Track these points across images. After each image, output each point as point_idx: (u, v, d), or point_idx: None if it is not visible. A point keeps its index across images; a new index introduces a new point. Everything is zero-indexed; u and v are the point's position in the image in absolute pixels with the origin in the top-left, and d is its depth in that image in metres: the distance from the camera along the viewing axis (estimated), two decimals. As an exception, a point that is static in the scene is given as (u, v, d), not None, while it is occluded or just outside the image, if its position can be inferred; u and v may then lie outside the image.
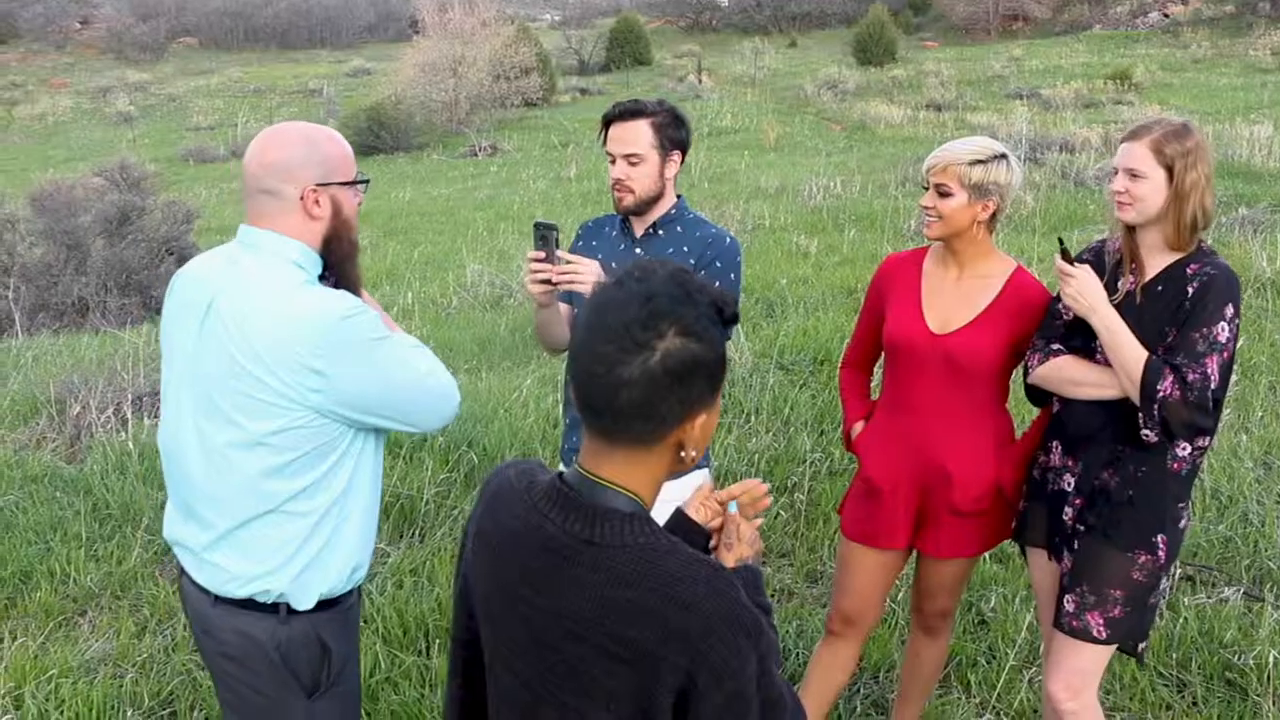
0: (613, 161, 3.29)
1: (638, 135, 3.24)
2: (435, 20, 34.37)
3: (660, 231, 3.36)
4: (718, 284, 3.25)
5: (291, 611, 2.43)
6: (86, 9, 62.93)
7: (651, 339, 1.62)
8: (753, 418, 6.49)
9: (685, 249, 3.32)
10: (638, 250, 3.36)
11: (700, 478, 3.27)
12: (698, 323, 1.64)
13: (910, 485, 3.32)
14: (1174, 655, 4.20)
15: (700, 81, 39.99)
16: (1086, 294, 2.96)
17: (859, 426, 3.50)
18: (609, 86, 40.83)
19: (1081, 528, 3.08)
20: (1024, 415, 4.72)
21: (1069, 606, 3.08)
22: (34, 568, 4.97)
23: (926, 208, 3.22)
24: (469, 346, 8.68)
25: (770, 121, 26.85)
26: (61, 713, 3.89)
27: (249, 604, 2.42)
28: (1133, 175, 2.93)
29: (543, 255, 3.06)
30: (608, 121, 3.30)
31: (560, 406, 6.63)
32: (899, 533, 3.35)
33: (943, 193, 3.16)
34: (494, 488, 1.87)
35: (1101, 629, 3.04)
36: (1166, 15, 45.02)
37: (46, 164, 28.79)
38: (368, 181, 2.57)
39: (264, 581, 2.39)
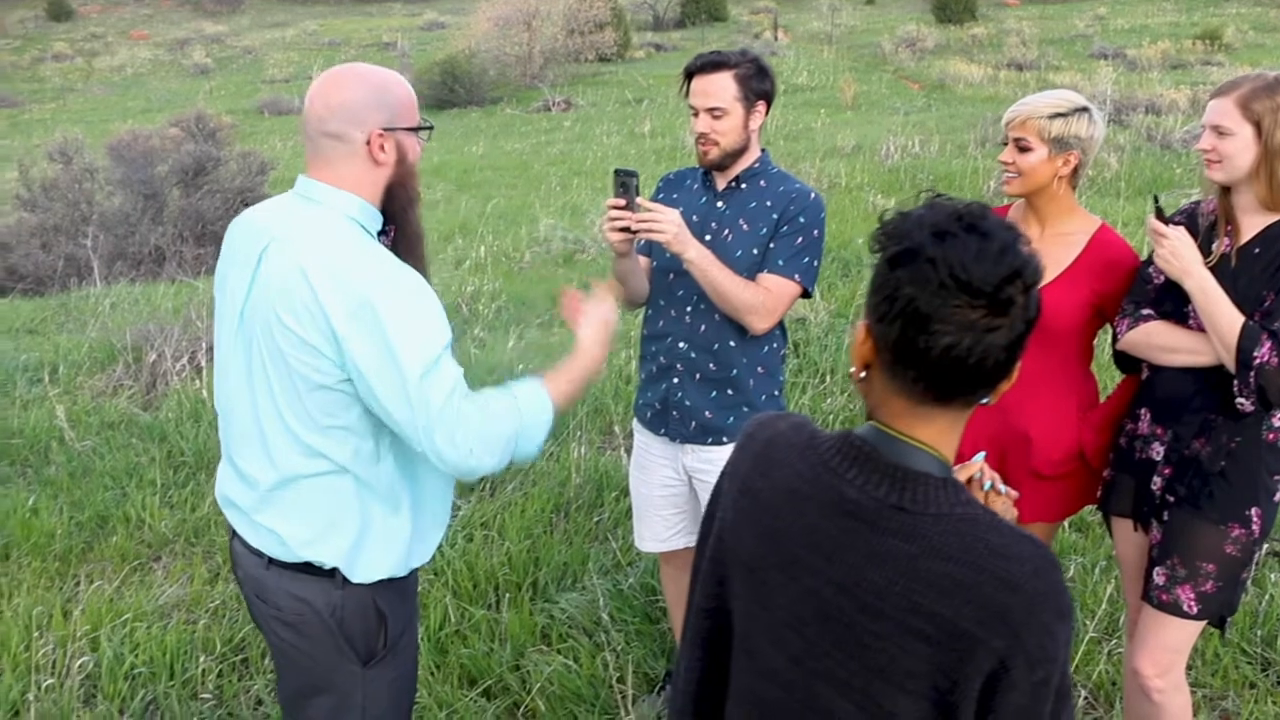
0: (695, 115, 3.19)
1: (721, 88, 3.13)
2: (510, -26, 34.26)
3: (743, 185, 3.28)
4: (799, 240, 3.19)
5: (348, 579, 2.35)
6: (166, -39, 63.61)
7: (1015, 296, 1.46)
8: (828, 378, 6.41)
9: (768, 204, 3.24)
10: (719, 204, 3.29)
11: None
12: (1037, 269, 1.50)
13: (989, 449, 3.23)
14: (1258, 633, 4.08)
15: (776, 38, 39.65)
16: (1180, 256, 2.84)
17: None
18: (684, 42, 40.57)
19: (1171, 498, 2.97)
20: (1105, 381, 4.60)
21: (1158, 580, 2.98)
22: (110, 513, 5.04)
23: (1005, 163, 3.11)
24: (541, 301, 8.66)
25: (847, 79, 26.50)
26: (136, 656, 3.94)
27: (305, 567, 2.33)
28: (1219, 132, 2.81)
29: (622, 203, 2.99)
30: (689, 74, 3.20)
31: (634, 362, 6.59)
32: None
33: (1022, 147, 3.05)
34: (763, 441, 1.71)
35: (1192, 604, 2.94)
36: (1258, -27, 43.78)
37: (125, 115, 29.16)
38: (431, 128, 2.45)
39: (314, 550, 2.30)
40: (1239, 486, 2.88)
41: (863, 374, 1.60)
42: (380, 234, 2.36)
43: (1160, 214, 2.91)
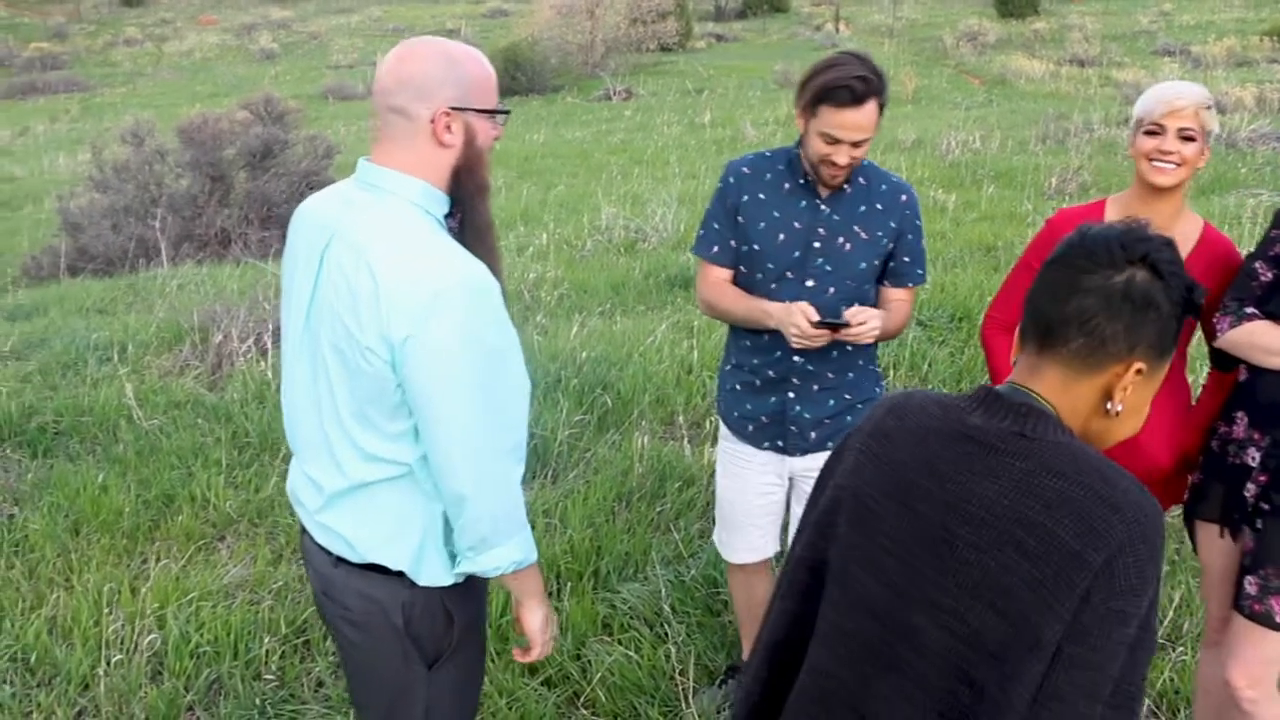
0: (831, 143, 2.92)
1: (870, 118, 2.89)
2: (574, -38, 34.32)
3: (847, 188, 3.10)
4: (921, 241, 3.14)
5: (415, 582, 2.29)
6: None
7: (1124, 260, 1.62)
8: (890, 373, 6.36)
9: (879, 207, 3.10)
10: (823, 209, 3.09)
11: None
12: (1171, 269, 1.63)
13: None
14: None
15: (837, 30, 39.50)
16: None
17: None
18: (745, 33, 40.46)
19: (1266, 506, 2.86)
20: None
21: (1250, 589, 2.87)
22: (177, 492, 5.09)
23: (1166, 153, 2.94)
24: (603, 289, 8.66)
25: (908, 73, 26.34)
26: (201, 634, 3.98)
27: (373, 568, 2.26)
28: None
29: (824, 335, 2.93)
30: (835, 102, 2.87)
31: (695, 352, 6.57)
32: None
33: (1186, 136, 2.92)
34: (901, 395, 1.83)
35: None
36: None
37: (192, 99, 29.52)
38: (508, 113, 2.27)
39: (382, 553, 2.24)
40: None
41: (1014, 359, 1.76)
42: (446, 217, 2.22)
43: None
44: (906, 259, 3.14)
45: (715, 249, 3.22)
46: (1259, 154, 13.60)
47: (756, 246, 3.13)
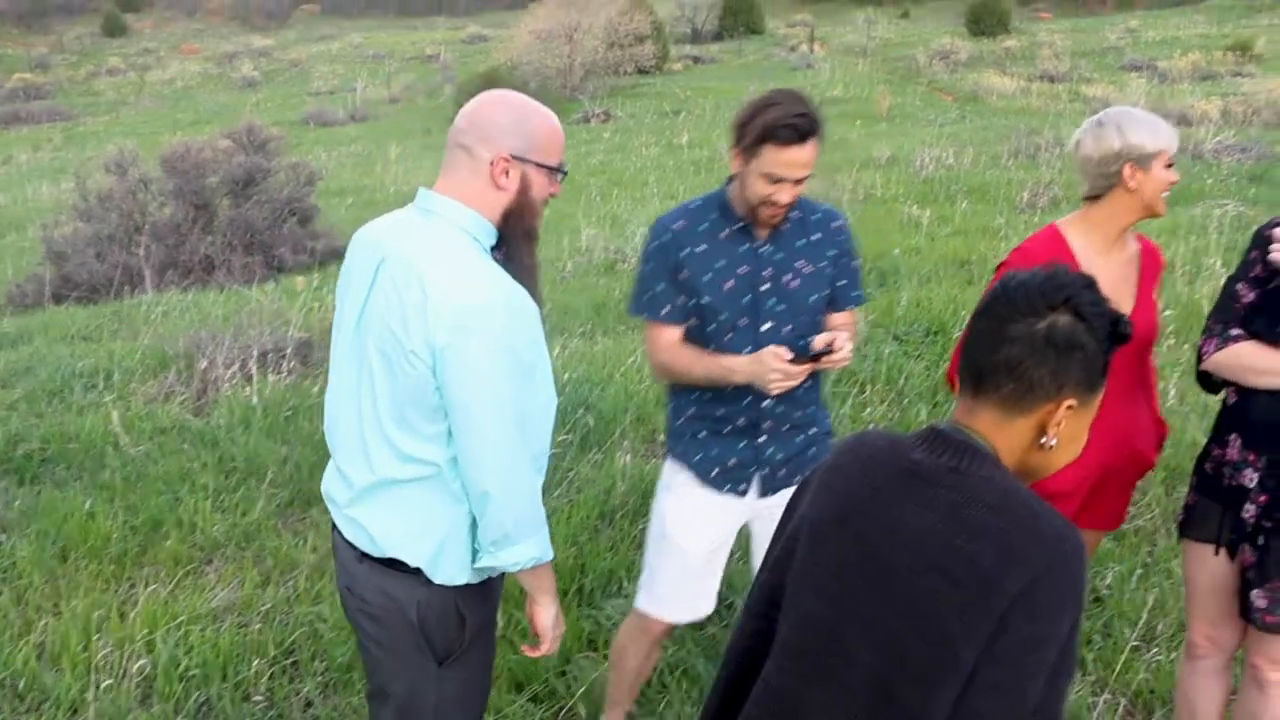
0: (775, 182, 2.86)
1: (813, 154, 2.84)
2: (552, -13, 34.47)
3: (785, 224, 3.04)
4: (855, 263, 3.15)
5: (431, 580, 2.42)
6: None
7: (1044, 307, 1.72)
8: (868, 388, 6.43)
9: (815, 237, 3.08)
10: (765, 248, 3.04)
11: None
12: (1093, 309, 1.72)
13: (1098, 472, 3.16)
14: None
15: (812, 51, 39.79)
16: None
17: None
18: (722, 55, 40.65)
19: (1268, 524, 2.88)
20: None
21: (1260, 603, 2.91)
22: (164, 517, 5.12)
23: (1174, 182, 3.07)
24: (584, 310, 8.72)
25: (882, 91, 26.55)
26: (190, 658, 4.01)
27: (393, 563, 2.41)
28: None
29: (807, 369, 2.88)
30: (779, 141, 2.81)
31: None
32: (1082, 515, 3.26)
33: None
34: (853, 438, 1.93)
35: None
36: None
37: (174, 127, 29.56)
38: (565, 173, 2.46)
39: (401, 549, 2.38)
40: None
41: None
42: (492, 250, 2.38)
43: None
44: (843, 282, 3.14)
45: (666, 309, 3.09)
46: (1224, 165, 13.77)
47: (706, 299, 3.04)
